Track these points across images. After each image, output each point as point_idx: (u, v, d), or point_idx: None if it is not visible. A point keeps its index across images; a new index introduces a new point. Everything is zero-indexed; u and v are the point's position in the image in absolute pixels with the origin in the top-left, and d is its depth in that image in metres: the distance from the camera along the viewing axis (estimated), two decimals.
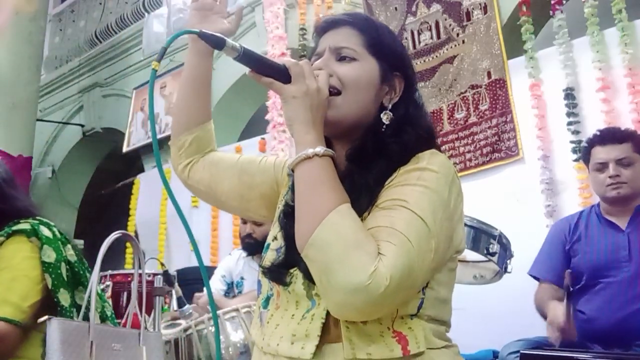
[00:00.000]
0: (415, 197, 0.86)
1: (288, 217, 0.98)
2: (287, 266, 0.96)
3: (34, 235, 1.51)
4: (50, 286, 1.47)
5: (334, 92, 0.95)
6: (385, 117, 0.97)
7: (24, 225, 1.52)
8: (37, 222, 1.55)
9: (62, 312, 1.48)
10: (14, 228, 1.52)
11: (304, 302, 0.93)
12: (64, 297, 1.50)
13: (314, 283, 0.88)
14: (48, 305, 1.46)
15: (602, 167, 2.09)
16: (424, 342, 0.88)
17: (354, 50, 0.97)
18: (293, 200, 0.95)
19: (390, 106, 0.98)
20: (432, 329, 0.90)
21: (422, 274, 0.84)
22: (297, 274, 0.93)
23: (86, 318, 1.47)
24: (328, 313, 0.89)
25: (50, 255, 1.50)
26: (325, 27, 1.02)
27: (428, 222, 0.84)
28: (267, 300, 1.00)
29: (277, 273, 0.97)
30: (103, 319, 1.59)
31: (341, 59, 0.97)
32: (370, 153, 0.94)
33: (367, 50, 0.98)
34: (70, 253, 1.56)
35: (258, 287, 1.04)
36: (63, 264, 1.53)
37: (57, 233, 1.56)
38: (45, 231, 1.53)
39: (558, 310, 1.91)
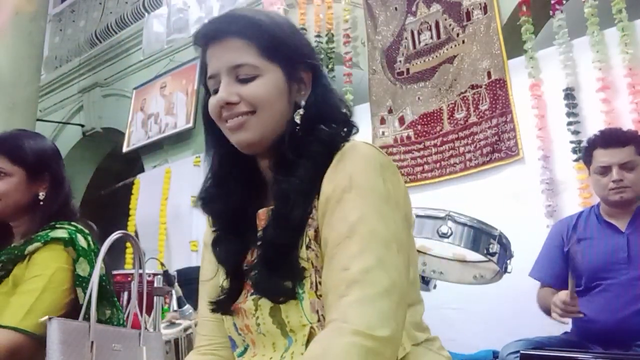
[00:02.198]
0: (354, 210, 0.83)
1: (218, 243, 1.00)
2: (235, 293, 0.96)
3: (71, 246, 1.47)
4: (81, 301, 1.43)
5: (249, 112, 0.91)
6: (298, 116, 0.93)
7: (62, 234, 1.48)
8: (74, 229, 1.52)
9: None
10: (52, 235, 1.48)
11: (280, 341, 0.90)
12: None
13: (268, 297, 0.88)
14: (73, 318, 1.42)
15: (605, 170, 2.07)
16: (408, 341, 0.88)
17: (252, 66, 0.91)
18: (217, 228, 0.99)
19: (304, 102, 0.95)
20: (410, 321, 0.89)
21: (404, 287, 0.81)
22: (262, 311, 0.90)
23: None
24: (307, 346, 0.85)
25: (84, 269, 1.47)
26: (207, 38, 0.94)
27: (379, 229, 0.82)
28: (243, 352, 0.97)
29: (226, 303, 0.97)
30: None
31: (241, 80, 0.91)
32: (291, 158, 0.91)
33: (265, 59, 0.92)
34: (100, 267, 1.53)
35: (232, 345, 1.01)
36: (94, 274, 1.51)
37: (91, 243, 1.52)
38: (81, 241, 1.49)
39: (562, 293, 1.92)
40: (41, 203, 1.57)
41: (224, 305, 0.98)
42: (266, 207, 0.96)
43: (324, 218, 0.86)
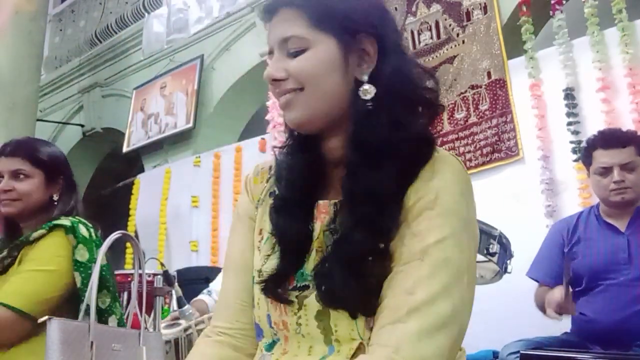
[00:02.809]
0: (433, 231, 0.76)
1: (280, 211, 0.87)
2: (284, 276, 0.84)
3: (72, 233, 1.54)
4: (78, 285, 1.51)
5: (297, 89, 0.83)
6: (364, 92, 0.82)
7: (65, 221, 1.56)
8: (77, 220, 1.59)
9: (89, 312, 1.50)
10: (56, 222, 1.56)
11: (320, 347, 0.82)
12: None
13: (332, 304, 0.78)
14: (74, 302, 1.50)
15: (606, 171, 2.06)
16: None
17: (300, 38, 0.83)
18: (286, 192, 0.87)
19: (366, 77, 0.83)
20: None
21: (466, 322, 0.77)
22: (307, 312, 0.82)
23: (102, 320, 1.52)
24: None
25: (83, 255, 1.53)
26: (267, 14, 0.88)
27: (454, 258, 0.76)
28: (272, 344, 0.88)
29: (273, 286, 0.84)
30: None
31: (291, 54, 0.84)
32: (370, 145, 0.81)
33: (316, 29, 0.83)
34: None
35: (258, 333, 0.90)
36: (94, 266, 1.54)
37: (93, 235, 1.59)
38: (83, 231, 1.56)
39: (556, 291, 1.92)
40: (55, 204, 1.65)
41: (277, 282, 0.85)
42: (328, 200, 0.86)
43: (398, 230, 0.79)
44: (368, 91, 0.82)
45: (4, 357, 1.45)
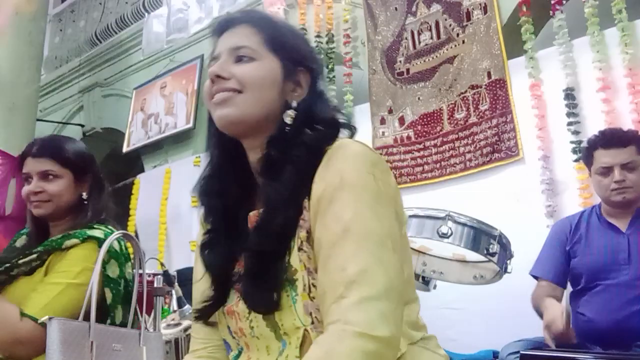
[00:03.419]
0: (347, 209, 0.82)
1: (207, 246, 1.00)
2: (219, 301, 0.96)
3: None
4: (109, 301, 1.49)
5: (236, 90, 0.92)
6: (288, 117, 0.93)
7: (98, 233, 1.54)
8: (110, 232, 1.57)
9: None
10: (89, 233, 1.53)
11: (274, 344, 0.89)
12: (118, 315, 1.52)
13: (257, 312, 0.88)
14: (100, 318, 1.45)
15: (607, 171, 2.06)
16: (404, 340, 0.87)
17: (252, 50, 0.93)
18: (210, 226, 0.99)
19: (295, 104, 0.94)
20: (406, 320, 0.88)
21: (401, 286, 0.82)
22: (256, 315, 0.90)
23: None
24: (301, 349, 0.85)
25: (114, 271, 1.52)
26: (222, 27, 0.98)
27: (374, 227, 0.82)
28: (238, 355, 0.97)
29: (207, 315, 0.98)
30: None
31: (239, 59, 0.93)
32: (277, 161, 0.90)
33: (267, 48, 0.94)
34: (128, 271, 1.58)
35: (227, 348, 1.01)
36: (122, 281, 1.54)
37: (123, 247, 1.58)
38: (115, 244, 1.55)
39: (557, 311, 1.90)
40: (85, 203, 1.64)
41: (207, 313, 0.98)
42: (257, 210, 0.94)
43: (316, 218, 0.85)
44: (290, 115, 0.93)
45: None
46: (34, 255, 1.52)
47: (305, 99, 0.96)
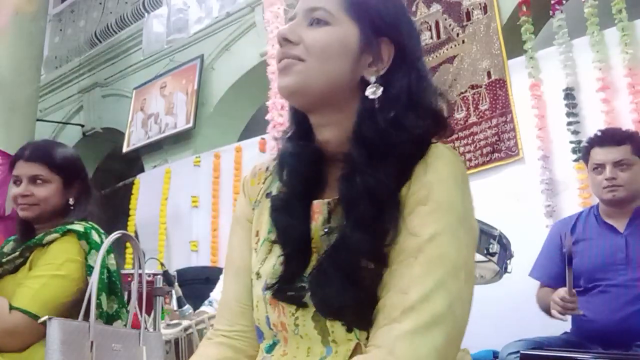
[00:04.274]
0: (427, 227, 0.74)
1: (280, 210, 0.85)
2: (290, 279, 0.82)
3: (85, 239, 1.55)
4: (88, 292, 1.49)
5: (301, 58, 0.82)
6: (371, 92, 0.81)
7: (78, 227, 1.57)
8: (90, 226, 1.60)
9: (100, 315, 1.51)
10: (69, 227, 1.56)
11: (317, 348, 0.80)
12: (103, 302, 1.53)
13: (328, 316, 0.77)
14: (86, 308, 1.48)
15: (600, 168, 2.08)
16: None
17: (327, 13, 0.82)
18: (285, 187, 0.85)
19: (374, 79, 0.82)
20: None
21: (464, 320, 0.75)
22: (304, 313, 0.81)
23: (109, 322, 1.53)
24: None
25: (94, 260, 1.52)
26: None
27: (450, 254, 0.73)
28: (272, 346, 0.87)
29: (283, 291, 0.82)
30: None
31: (312, 23, 0.83)
32: (373, 143, 0.79)
33: (346, 12, 0.83)
34: (111, 262, 1.59)
35: (259, 335, 0.90)
36: (105, 271, 1.56)
37: (104, 240, 1.58)
38: (95, 236, 1.57)
39: (561, 291, 1.92)
40: (71, 208, 1.67)
41: (279, 292, 0.83)
42: (323, 198, 0.84)
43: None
44: (375, 91, 0.81)
45: (20, 357, 1.46)
46: (16, 253, 1.56)
47: (391, 75, 0.83)
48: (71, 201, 1.67)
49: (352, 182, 0.79)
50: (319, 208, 0.83)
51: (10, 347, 1.44)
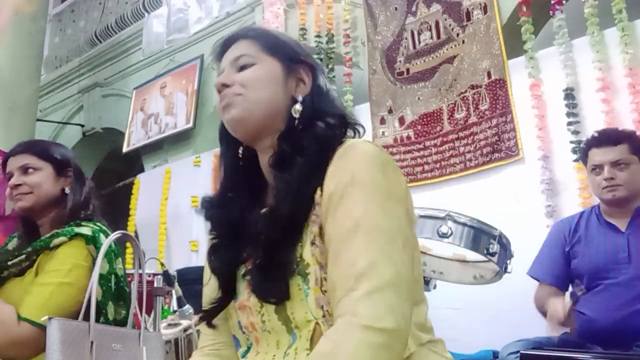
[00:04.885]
0: (358, 205, 0.84)
1: (213, 252, 1.02)
2: (222, 304, 1.00)
3: (93, 244, 1.52)
4: (99, 298, 1.48)
5: (239, 95, 0.97)
6: (295, 111, 0.97)
7: (86, 231, 1.54)
8: (98, 229, 1.57)
9: (107, 323, 1.49)
10: (77, 230, 1.53)
11: (284, 338, 0.91)
12: (110, 311, 1.51)
13: (262, 300, 0.90)
14: (86, 308, 1.45)
15: (598, 169, 2.09)
16: (412, 341, 0.88)
17: (250, 56, 0.99)
18: (215, 235, 1.02)
19: (301, 98, 0.99)
20: (414, 321, 0.88)
21: (409, 281, 0.83)
22: (267, 308, 0.91)
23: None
24: (312, 342, 0.86)
25: (104, 267, 1.51)
26: (222, 49, 1.04)
27: (384, 224, 0.83)
28: (247, 351, 0.98)
29: (212, 316, 1.02)
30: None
31: (241, 68, 0.99)
32: (289, 154, 0.93)
33: (265, 52, 1.00)
34: (119, 267, 1.58)
35: (236, 344, 1.03)
36: (113, 277, 1.54)
37: (112, 244, 1.57)
38: (104, 240, 1.53)
39: (558, 304, 1.92)
40: (67, 197, 1.64)
41: (212, 314, 1.01)
42: (268, 207, 0.96)
43: (327, 214, 0.87)
44: (297, 109, 0.97)
45: None
46: (23, 256, 1.53)
47: (310, 94, 1.00)
48: (67, 190, 1.65)
49: (274, 187, 0.93)
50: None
51: (19, 357, 1.41)
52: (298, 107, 0.97)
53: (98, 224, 1.61)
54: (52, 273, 1.48)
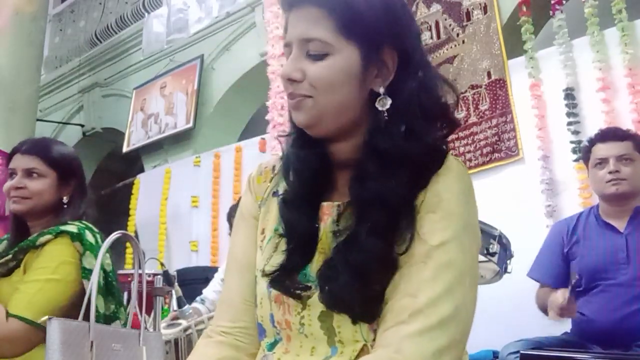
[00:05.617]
0: (435, 234, 0.77)
1: (289, 206, 0.86)
2: (292, 269, 0.84)
3: (78, 240, 1.51)
4: (88, 293, 1.45)
5: (309, 95, 0.83)
6: (381, 104, 0.82)
7: (71, 228, 1.53)
8: (84, 226, 1.57)
9: (97, 317, 1.47)
10: (62, 228, 1.53)
11: (322, 348, 0.82)
12: (100, 304, 1.51)
13: (335, 308, 0.79)
14: (86, 308, 1.45)
15: (602, 163, 2.09)
16: None
17: (324, 43, 0.80)
18: (294, 188, 0.86)
19: (382, 90, 0.82)
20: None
21: (468, 323, 0.77)
22: (310, 312, 0.82)
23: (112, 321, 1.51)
24: None
25: (91, 262, 1.50)
26: (288, 3, 0.85)
27: (456, 260, 0.76)
28: (274, 344, 0.87)
29: (281, 280, 0.83)
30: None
31: (311, 56, 0.82)
32: (385, 153, 0.80)
33: (341, 35, 0.80)
34: (107, 262, 1.57)
35: (260, 332, 0.90)
36: (101, 272, 1.53)
37: (99, 240, 1.56)
38: (89, 237, 1.53)
39: (558, 293, 1.93)
40: (65, 207, 1.63)
41: (279, 283, 0.84)
42: (332, 201, 0.86)
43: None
44: (384, 102, 0.82)
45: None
46: (9, 256, 1.53)
47: (397, 79, 0.83)
48: (65, 199, 1.64)
49: (364, 186, 0.80)
50: (329, 210, 0.85)
51: (9, 354, 1.42)
52: (384, 99, 0.82)
53: (84, 222, 1.60)
54: (40, 270, 1.48)
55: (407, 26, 0.85)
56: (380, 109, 0.82)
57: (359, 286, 0.77)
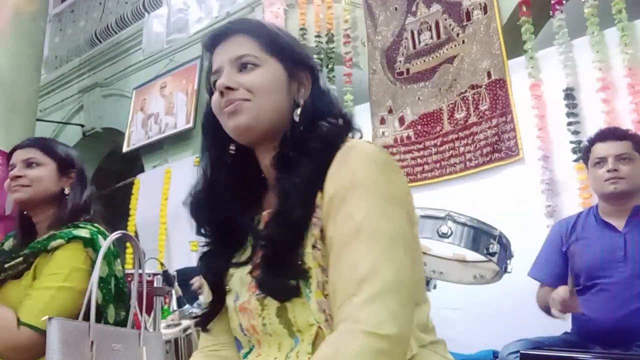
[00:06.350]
0: (359, 209, 0.83)
1: (203, 258, 1.06)
2: (216, 309, 1.03)
3: (91, 246, 1.50)
4: (100, 301, 1.46)
5: (246, 99, 0.94)
6: (296, 115, 0.96)
7: (84, 233, 1.52)
8: (96, 230, 1.56)
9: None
10: (75, 233, 1.52)
11: (286, 341, 0.91)
12: (110, 313, 1.51)
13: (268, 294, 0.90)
14: (86, 308, 1.43)
15: (601, 161, 2.10)
16: (414, 342, 0.88)
17: (254, 56, 0.95)
18: (205, 236, 1.04)
19: (302, 102, 0.97)
20: (416, 322, 0.89)
21: (410, 285, 0.82)
22: (269, 311, 0.91)
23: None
24: (314, 345, 0.86)
25: (103, 270, 1.49)
26: (214, 40, 0.99)
27: (385, 227, 0.82)
28: (248, 352, 0.98)
29: (205, 322, 1.03)
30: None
31: (243, 68, 0.95)
32: (292, 155, 0.92)
33: (267, 53, 0.96)
34: (118, 268, 1.57)
35: (238, 345, 1.03)
36: (112, 279, 1.53)
37: (111, 246, 1.54)
38: (102, 242, 1.52)
39: (560, 289, 1.93)
40: (66, 197, 1.63)
41: (205, 320, 1.03)
42: (268, 210, 0.96)
43: (328, 217, 0.86)
44: (298, 113, 0.96)
45: None
46: (20, 259, 1.51)
47: (311, 96, 0.98)
48: (66, 190, 1.64)
49: (277, 188, 0.92)
50: (268, 216, 0.96)
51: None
52: (299, 110, 0.96)
53: (96, 225, 1.59)
54: (51, 277, 1.46)
55: (309, 55, 1.03)
56: (295, 118, 0.95)
57: (269, 272, 0.89)
